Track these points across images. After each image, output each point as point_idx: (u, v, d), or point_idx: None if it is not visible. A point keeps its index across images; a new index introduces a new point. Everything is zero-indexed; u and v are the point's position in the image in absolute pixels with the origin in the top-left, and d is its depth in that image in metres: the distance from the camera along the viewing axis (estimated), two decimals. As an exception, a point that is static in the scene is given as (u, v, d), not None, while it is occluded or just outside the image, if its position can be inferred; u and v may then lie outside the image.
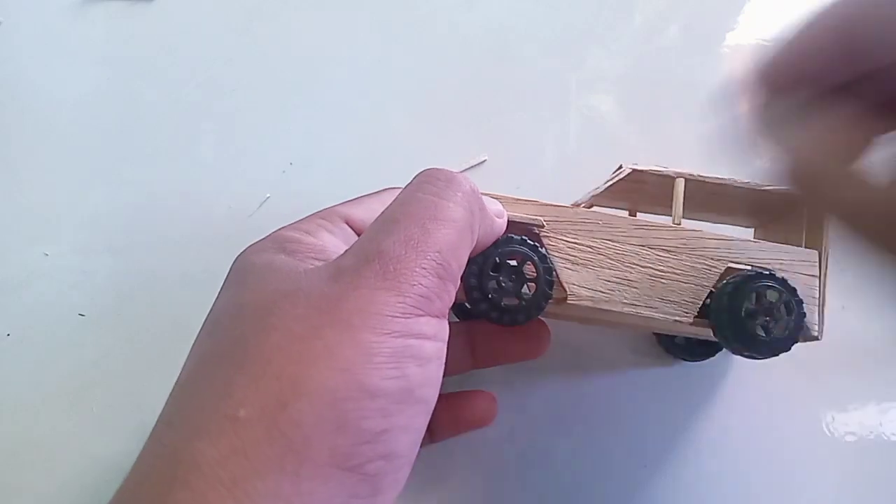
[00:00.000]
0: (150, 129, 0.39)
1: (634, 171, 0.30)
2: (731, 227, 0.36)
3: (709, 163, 0.39)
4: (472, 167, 0.38)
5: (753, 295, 0.28)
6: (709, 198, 0.32)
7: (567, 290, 0.29)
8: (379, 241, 0.22)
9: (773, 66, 0.22)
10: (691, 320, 0.29)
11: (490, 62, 0.40)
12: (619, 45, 0.40)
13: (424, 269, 0.22)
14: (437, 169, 0.25)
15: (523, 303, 0.28)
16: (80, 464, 0.35)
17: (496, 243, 0.28)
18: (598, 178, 0.35)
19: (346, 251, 0.23)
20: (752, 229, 0.36)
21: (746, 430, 0.36)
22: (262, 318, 0.22)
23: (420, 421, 0.23)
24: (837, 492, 0.35)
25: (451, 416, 0.31)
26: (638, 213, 0.35)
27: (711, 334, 0.29)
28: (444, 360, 0.23)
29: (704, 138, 0.39)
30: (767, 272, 0.29)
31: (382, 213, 0.24)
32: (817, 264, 0.30)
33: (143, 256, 0.37)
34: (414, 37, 0.40)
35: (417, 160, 0.38)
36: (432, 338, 0.23)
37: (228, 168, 0.38)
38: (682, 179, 0.30)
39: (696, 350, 0.36)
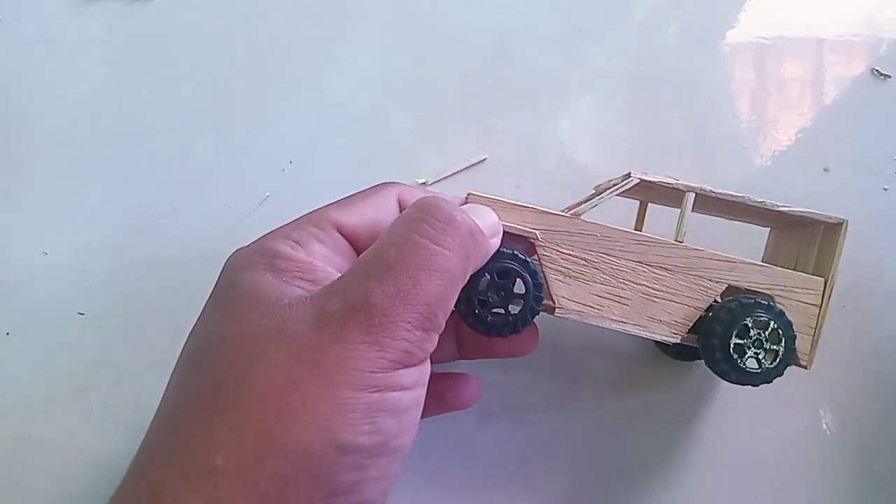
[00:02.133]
0: (149, 128, 0.39)
1: (643, 181, 0.29)
2: (747, 224, 0.35)
3: (708, 162, 0.39)
4: (471, 166, 0.38)
5: (745, 325, 0.28)
6: (723, 206, 0.31)
7: (556, 301, 0.28)
8: (368, 290, 0.22)
9: None
10: (679, 341, 0.29)
11: (490, 62, 0.40)
12: (619, 44, 0.40)
13: (410, 322, 0.22)
14: (436, 205, 0.24)
15: (510, 318, 0.28)
16: (80, 463, 0.35)
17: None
18: (598, 178, 0.35)
19: (334, 289, 0.23)
20: (769, 229, 0.35)
21: (746, 430, 0.36)
22: (245, 359, 0.22)
23: (394, 468, 0.23)
24: (837, 492, 0.35)
25: (436, 397, 0.31)
26: (649, 205, 0.35)
27: None
28: (422, 403, 0.24)
29: (704, 137, 0.39)
30: (764, 302, 0.28)
31: (375, 249, 0.24)
32: (820, 293, 0.29)
33: (142, 256, 0.37)
34: (414, 36, 0.40)
35: (417, 160, 0.39)
36: (410, 387, 0.23)
37: (228, 167, 0.38)
38: (693, 194, 0.29)
39: (692, 352, 0.36)
